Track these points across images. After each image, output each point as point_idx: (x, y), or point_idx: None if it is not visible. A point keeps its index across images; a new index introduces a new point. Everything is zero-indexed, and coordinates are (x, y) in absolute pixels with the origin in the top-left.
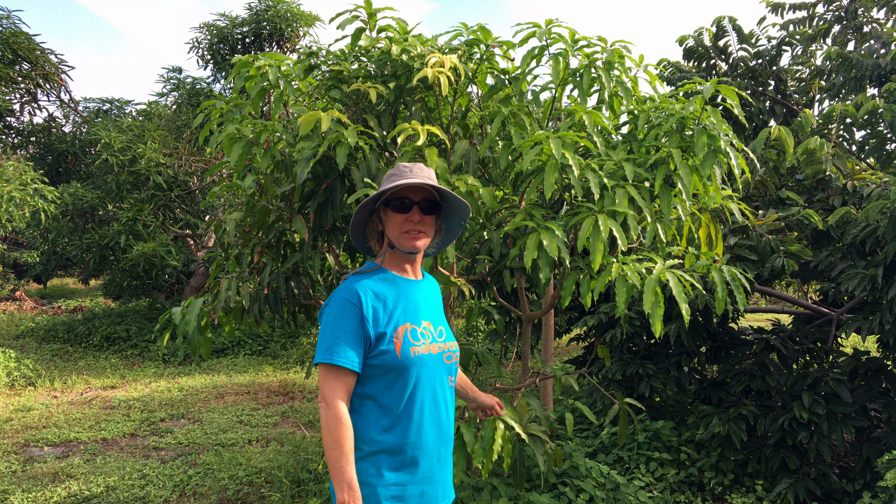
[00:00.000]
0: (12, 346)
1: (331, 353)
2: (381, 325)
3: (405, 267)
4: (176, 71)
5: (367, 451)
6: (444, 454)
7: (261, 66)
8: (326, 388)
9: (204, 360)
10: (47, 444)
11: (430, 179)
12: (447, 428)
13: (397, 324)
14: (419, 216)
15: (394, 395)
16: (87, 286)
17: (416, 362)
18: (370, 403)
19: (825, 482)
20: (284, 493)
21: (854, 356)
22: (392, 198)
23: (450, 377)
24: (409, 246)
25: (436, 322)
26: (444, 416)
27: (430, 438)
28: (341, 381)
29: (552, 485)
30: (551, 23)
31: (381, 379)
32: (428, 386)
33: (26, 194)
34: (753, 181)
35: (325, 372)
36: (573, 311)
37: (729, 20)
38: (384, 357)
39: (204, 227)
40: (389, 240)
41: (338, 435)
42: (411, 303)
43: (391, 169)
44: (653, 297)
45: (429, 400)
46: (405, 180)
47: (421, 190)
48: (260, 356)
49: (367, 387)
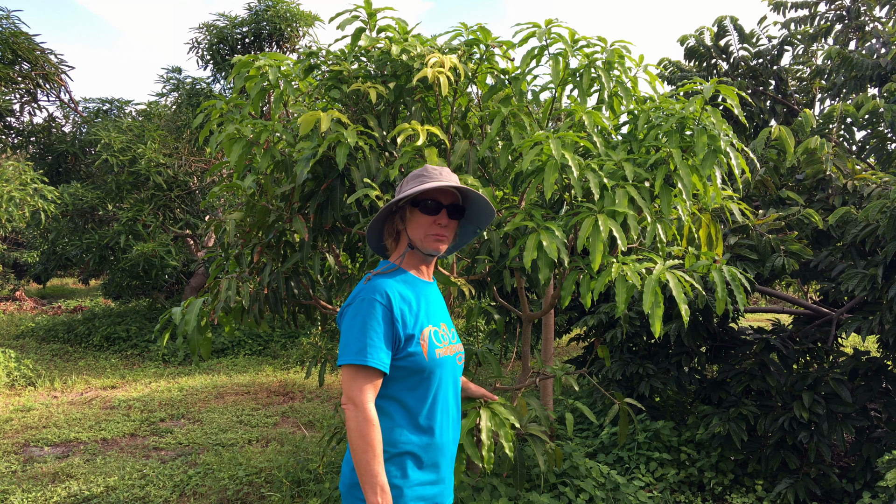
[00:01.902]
0: (12, 346)
1: (364, 353)
2: (409, 327)
3: (421, 268)
4: (175, 71)
5: (393, 452)
6: (454, 454)
7: (261, 66)
8: (355, 389)
9: (204, 360)
10: (47, 444)
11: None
12: (458, 427)
13: (422, 326)
14: (446, 220)
15: (418, 397)
16: (87, 286)
17: (440, 364)
18: (395, 405)
19: (825, 482)
20: (284, 493)
21: (854, 356)
22: (422, 198)
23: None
24: (433, 248)
25: (449, 323)
26: (456, 415)
27: (448, 439)
28: (370, 383)
29: (552, 485)
30: (551, 23)
31: (406, 380)
32: (447, 387)
33: (26, 194)
34: (754, 181)
35: (353, 373)
36: (573, 311)
37: (730, 20)
38: (412, 359)
39: (204, 227)
40: (411, 240)
41: (370, 437)
42: (430, 304)
43: (418, 169)
44: (652, 297)
45: (447, 401)
46: (436, 182)
47: (449, 194)
48: (260, 356)
49: (391, 388)
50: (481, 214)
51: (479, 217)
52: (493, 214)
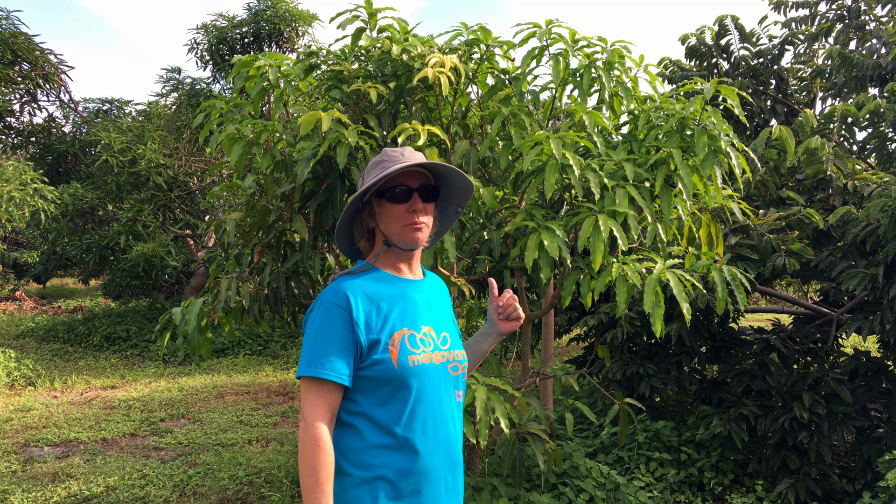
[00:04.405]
0: (12, 346)
1: (315, 364)
2: (374, 331)
3: (400, 266)
4: (175, 71)
5: (363, 477)
6: (452, 481)
7: (261, 66)
8: (306, 404)
9: (204, 360)
10: (47, 444)
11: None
12: (456, 450)
13: (393, 329)
14: (421, 204)
15: (391, 413)
16: (87, 286)
17: (415, 373)
18: (364, 422)
19: (826, 482)
20: (284, 493)
21: (854, 356)
22: (387, 187)
23: (457, 391)
24: (412, 240)
25: (438, 327)
26: (452, 436)
27: (437, 463)
28: (324, 398)
29: (552, 485)
30: (551, 23)
31: (375, 393)
32: (431, 401)
33: (26, 194)
34: (754, 181)
35: (306, 386)
36: (573, 311)
37: (731, 19)
38: (378, 368)
39: (204, 227)
40: (385, 237)
41: (313, 460)
42: (409, 305)
43: (377, 156)
44: (653, 297)
45: (433, 417)
46: (399, 164)
47: (417, 175)
48: (260, 356)
49: (359, 403)
50: (459, 191)
51: (458, 194)
52: (471, 188)
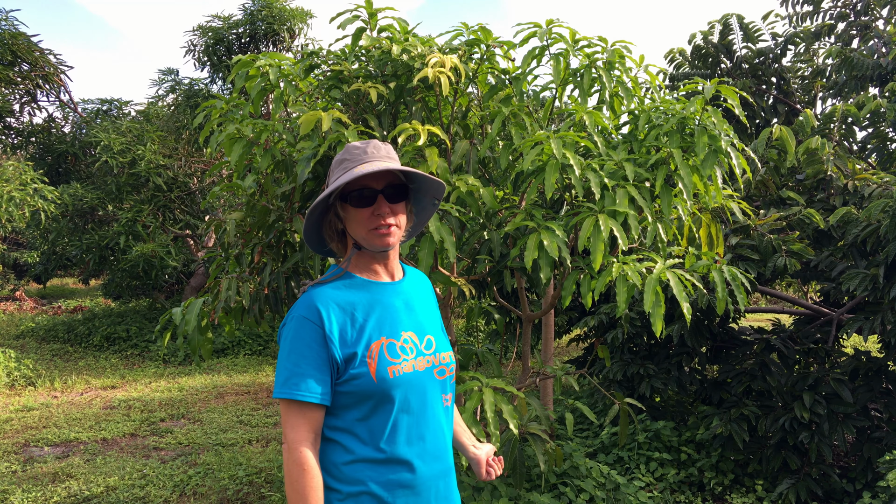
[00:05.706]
0: (12, 346)
1: (289, 385)
2: (349, 345)
3: (376, 268)
4: (170, 73)
5: (348, 492)
6: (444, 489)
7: (261, 65)
8: (287, 427)
9: (204, 360)
10: (47, 444)
11: (390, 159)
12: (446, 457)
13: (370, 340)
14: (387, 207)
15: (374, 426)
16: (87, 286)
17: (396, 384)
18: (347, 437)
19: (826, 482)
20: (284, 494)
21: (855, 356)
22: (349, 190)
23: (445, 395)
24: (381, 244)
25: (421, 331)
26: (441, 443)
27: (426, 473)
28: (304, 419)
29: (552, 485)
30: (552, 23)
31: (356, 408)
32: (416, 410)
33: (26, 194)
34: (754, 181)
35: (285, 408)
36: (573, 312)
37: (736, 18)
38: (357, 382)
39: (204, 227)
40: (355, 240)
41: (300, 485)
42: (388, 311)
43: (340, 153)
44: (653, 297)
45: (418, 427)
46: (360, 166)
47: (383, 174)
48: (260, 356)
49: (340, 419)
50: (431, 183)
51: (430, 186)
52: (441, 185)
